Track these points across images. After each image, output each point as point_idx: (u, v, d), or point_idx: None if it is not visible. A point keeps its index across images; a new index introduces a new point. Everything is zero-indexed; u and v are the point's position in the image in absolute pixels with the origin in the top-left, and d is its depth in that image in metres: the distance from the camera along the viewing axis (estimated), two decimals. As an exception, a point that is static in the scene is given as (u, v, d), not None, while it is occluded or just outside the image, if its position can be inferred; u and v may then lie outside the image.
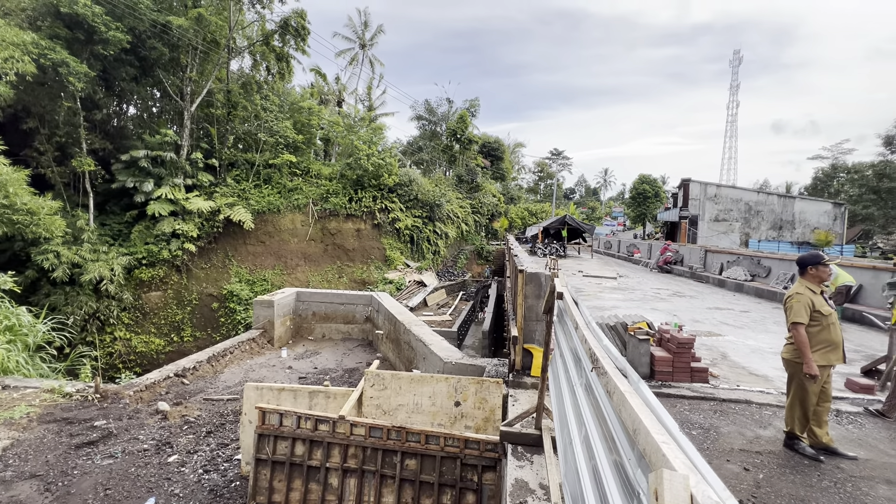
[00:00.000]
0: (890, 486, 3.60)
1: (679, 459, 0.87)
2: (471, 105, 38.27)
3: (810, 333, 3.97)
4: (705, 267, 17.54)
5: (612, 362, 1.55)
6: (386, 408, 5.01)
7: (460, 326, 16.66)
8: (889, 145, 27.76)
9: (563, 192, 71.39)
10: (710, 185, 28.58)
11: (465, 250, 30.66)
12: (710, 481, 0.81)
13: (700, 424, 4.63)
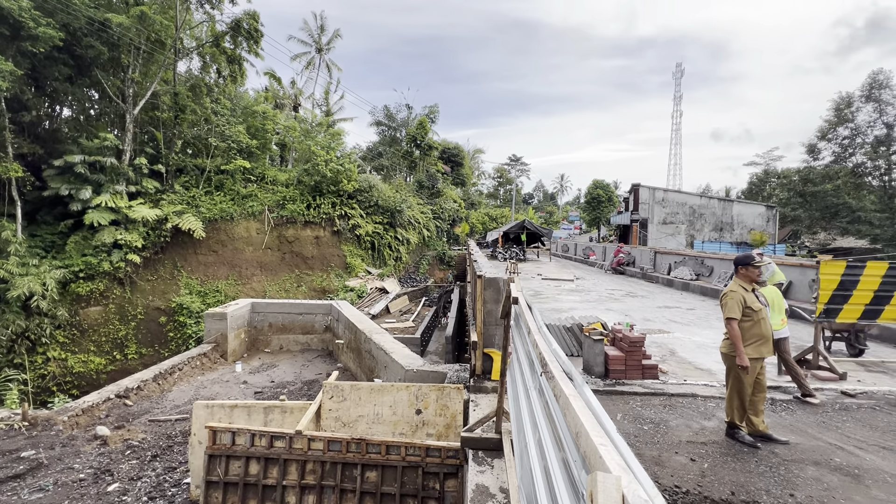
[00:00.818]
0: (817, 466, 3.91)
1: (614, 461, 0.90)
2: (430, 111, 38.49)
3: (743, 328, 4.26)
4: (655, 267, 18.45)
5: (560, 366, 1.60)
6: (346, 420, 4.90)
7: (423, 332, 16.60)
8: (811, 153, 30.44)
9: (521, 197, 73.01)
10: (657, 190, 30.17)
11: (427, 256, 30.64)
12: (641, 481, 0.85)
13: (651, 419, 4.84)
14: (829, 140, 29.63)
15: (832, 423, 4.80)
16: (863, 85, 28.21)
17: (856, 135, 28.77)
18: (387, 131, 40.33)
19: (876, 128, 28.01)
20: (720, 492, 3.51)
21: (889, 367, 6.73)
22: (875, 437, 4.48)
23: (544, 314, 8.94)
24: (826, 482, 3.66)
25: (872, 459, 4.02)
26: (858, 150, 28.79)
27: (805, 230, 30.36)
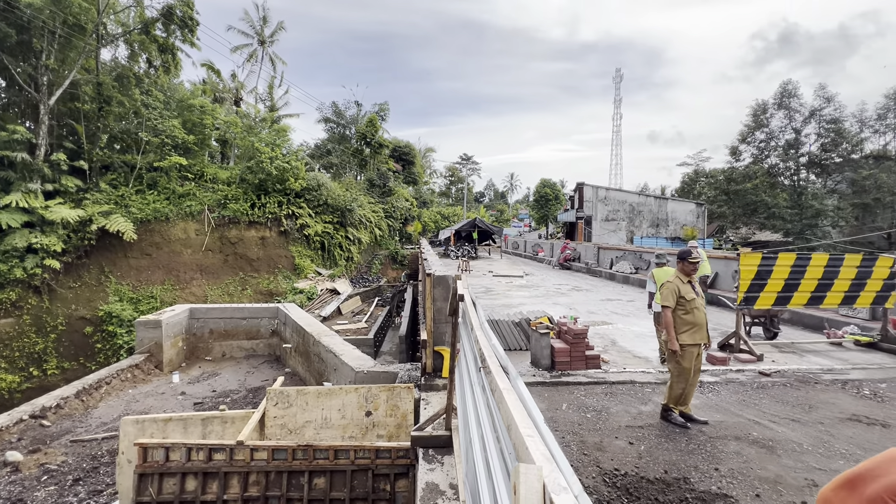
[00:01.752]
0: (738, 441, 4.27)
1: (539, 451, 0.93)
2: (380, 109, 38.02)
3: (677, 316, 4.58)
4: (598, 262, 19.36)
5: (497, 360, 1.63)
6: (292, 426, 4.73)
7: (377, 333, 16.40)
8: (734, 154, 33.25)
9: (473, 195, 73.95)
10: (600, 189, 31.70)
11: (379, 255, 30.28)
12: (562, 470, 0.88)
13: (594, 407, 5.07)
14: (749, 143, 32.50)
15: (751, 400, 5.26)
16: (775, 94, 31.21)
17: (770, 138, 31.75)
18: (335, 128, 39.33)
19: (786, 132, 31.07)
20: (655, 471, 3.74)
21: (798, 347, 7.48)
22: (786, 410, 4.97)
23: (495, 310, 9.12)
24: (745, 455, 4.00)
25: (784, 431, 4.46)
26: (773, 153, 31.81)
27: (729, 225, 33.13)
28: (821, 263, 6.92)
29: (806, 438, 4.31)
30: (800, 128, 30.50)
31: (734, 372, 6.19)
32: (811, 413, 4.91)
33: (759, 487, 3.51)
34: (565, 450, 4.10)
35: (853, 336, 7.47)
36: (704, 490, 3.47)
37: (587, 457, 3.98)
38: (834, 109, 29.51)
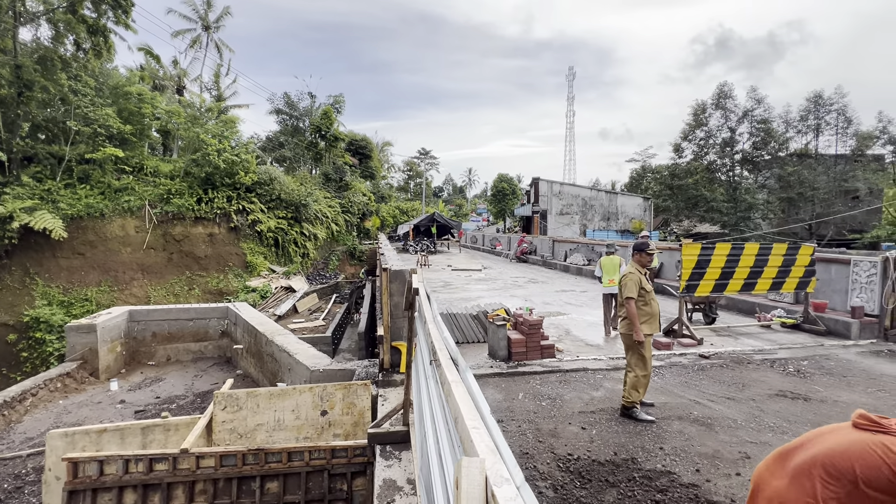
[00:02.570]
0: (681, 420, 4.53)
1: (484, 443, 0.92)
2: (335, 101, 37.01)
3: (638, 307, 4.70)
4: (553, 255, 19.94)
5: (448, 353, 1.61)
6: (242, 430, 4.52)
7: (335, 330, 16.06)
8: (676, 151, 35.23)
9: (432, 190, 73.89)
10: (554, 183, 32.62)
11: (336, 251, 29.64)
12: (505, 460, 0.87)
13: (549, 395, 5.21)
14: (690, 141, 34.51)
15: (692, 382, 5.60)
16: (713, 95, 33.31)
17: (709, 137, 33.87)
18: (288, 120, 37.91)
19: (723, 131, 33.26)
20: (605, 454, 3.90)
21: (733, 330, 8.05)
22: (723, 390, 5.33)
23: (454, 303, 9.16)
24: (687, 433, 4.25)
25: (721, 409, 4.78)
26: (711, 150, 33.96)
27: (673, 218, 35.14)
28: (752, 253, 7.47)
29: (740, 415, 4.64)
30: (734, 127, 32.75)
31: (677, 356, 6.56)
32: (744, 391, 5.29)
33: (698, 463, 3.73)
34: (521, 438, 4.19)
35: (780, 319, 8.13)
36: (650, 468, 3.66)
37: (542, 444, 4.08)
38: (763, 110, 31.92)
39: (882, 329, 7.31)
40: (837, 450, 1.64)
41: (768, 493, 1.78)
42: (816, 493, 1.62)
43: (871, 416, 1.69)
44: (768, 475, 1.83)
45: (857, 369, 6.04)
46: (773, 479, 1.79)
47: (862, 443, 1.61)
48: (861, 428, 1.67)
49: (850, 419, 1.75)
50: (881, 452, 1.54)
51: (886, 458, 1.53)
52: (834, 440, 1.70)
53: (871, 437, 1.61)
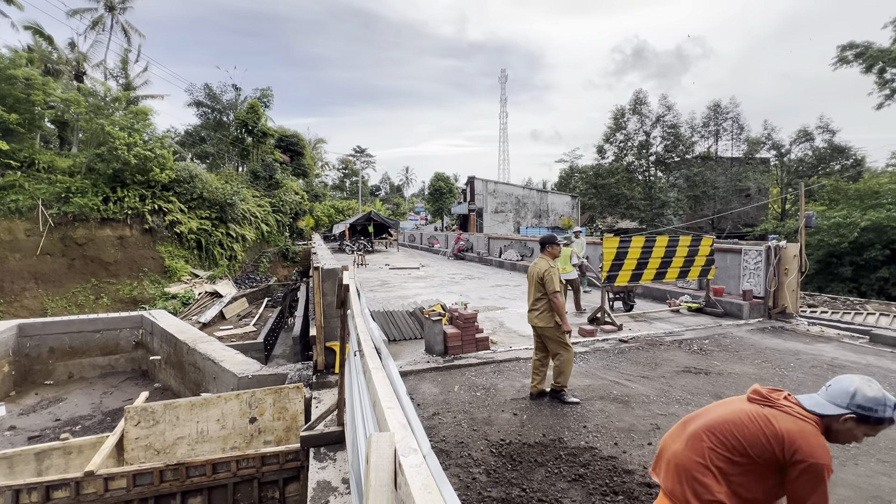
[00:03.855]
0: (602, 400, 4.89)
1: (397, 420, 0.95)
2: (263, 94, 35.13)
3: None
4: (489, 252, 20.51)
5: (372, 343, 1.63)
6: (160, 446, 4.18)
7: (267, 336, 15.31)
8: (600, 153, 37.82)
9: (369, 189, 72.68)
10: (489, 182, 33.54)
11: (267, 253, 28.20)
12: (416, 433, 0.91)
13: (483, 385, 5.38)
14: (611, 143, 37.16)
15: (613, 364, 6.06)
16: (630, 101, 36.10)
17: (627, 139, 36.68)
18: (210, 114, 35.33)
19: (639, 135, 36.17)
20: (535, 436, 4.11)
21: (648, 316, 8.82)
22: (638, 370, 5.83)
23: (391, 301, 9.11)
24: (607, 411, 4.61)
25: (636, 387, 5.22)
26: (629, 152, 36.80)
27: (598, 215, 37.66)
28: (662, 245, 8.22)
29: (652, 391, 5.10)
30: (649, 131, 35.76)
31: (600, 342, 7.06)
32: (656, 369, 5.82)
33: (617, 437, 4.06)
34: (456, 428, 4.29)
35: (687, 304, 9.04)
36: (575, 446, 3.92)
37: (476, 432, 4.21)
38: (673, 117, 35.19)
39: (767, 309, 8.39)
40: (726, 418, 1.87)
41: (668, 456, 2.00)
42: (706, 455, 1.84)
43: (762, 392, 1.90)
44: (671, 441, 2.05)
45: (747, 345, 6.90)
46: (673, 443, 2.01)
47: (748, 413, 1.83)
48: (753, 401, 1.90)
49: (746, 393, 1.98)
50: (762, 423, 1.76)
51: (765, 429, 1.75)
52: (725, 410, 1.92)
53: (758, 410, 1.83)
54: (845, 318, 9.16)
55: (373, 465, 0.79)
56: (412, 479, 0.70)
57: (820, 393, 1.82)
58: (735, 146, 36.46)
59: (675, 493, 1.89)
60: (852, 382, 1.73)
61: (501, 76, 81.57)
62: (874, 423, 1.69)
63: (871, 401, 1.67)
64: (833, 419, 1.72)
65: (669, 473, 1.94)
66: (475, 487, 3.33)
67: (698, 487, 1.80)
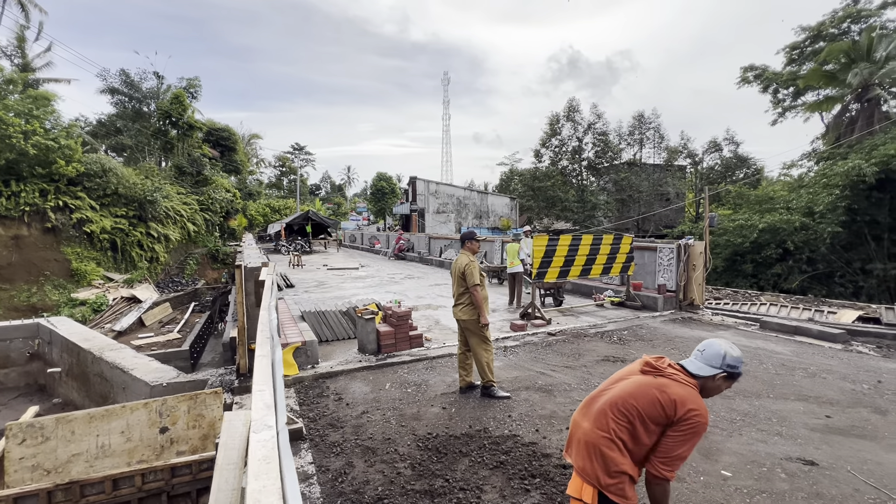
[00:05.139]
0: (528, 390, 5.09)
1: (262, 400, 0.94)
2: (190, 84, 32.67)
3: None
4: (430, 251, 20.62)
5: (269, 332, 1.59)
6: (51, 465, 3.75)
7: (194, 343, 14.25)
8: (537, 157, 39.38)
9: (308, 188, 70.20)
10: (431, 183, 33.72)
11: (194, 254, 26.33)
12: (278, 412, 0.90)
13: (415, 382, 5.40)
14: (547, 148, 38.83)
15: (540, 356, 6.34)
16: (564, 108, 37.94)
17: (562, 145, 38.53)
18: (128, 102, 32.29)
19: (573, 141, 38.13)
20: (462, 428, 4.20)
21: (576, 310, 9.32)
22: (563, 360, 6.14)
23: (326, 302, 8.87)
24: (532, 400, 4.81)
25: (560, 377, 5.50)
26: (564, 157, 38.69)
27: (535, 216, 39.14)
28: (588, 243, 8.73)
29: (574, 380, 5.40)
30: (581, 137, 37.81)
31: (530, 336, 7.36)
32: (579, 360, 6.17)
33: (538, 424, 4.25)
34: (385, 425, 4.28)
35: (610, 298, 9.66)
36: (499, 434, 4.05)
37: (404, 427, 4.22)
38: (602, 124, 37.48)
39: (678, 301, 9.19)
40: (627, 392, 2.05)
41: (578, 435, 2.14)
42: (610, 428, 2.00)
43: (652, 363, 2.12)
44: (580, 419, 2.18)
45: (660, 334, 7.51)
46: (582, 421, 2.15)
47: (645, 384, 2.03)
48: (646, 373, 2.10)
49: (639, 366, 2.18)
50: (657, 392, 1.97)
51: (660, 396, 1.95)
52: (625, 385, 2.10)
53: (652, 380, 2.03)
54: (743, 309, 10.26)
55: (222, 445, 0.78)
56: (254, 451, 0.70)
57: (696, 357, 2.08)
58: (657, 154, 39.66)
59: (585, 470, 2.03)
60: (721, 346, 2.03)
61: (444, 78, 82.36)
62: (735, 378, 2.03)
63: (736, 360, 2.00)
64: (708, 379, 2.01)
65: (581, 452, 2.08)
66: (399, 482, 3.34)
67: (607, 461, 1.96)
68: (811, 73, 25.42)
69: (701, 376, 2.02)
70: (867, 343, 7.26)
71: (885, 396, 4.85)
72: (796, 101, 28.67)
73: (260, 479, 0.61)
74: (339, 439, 4.03)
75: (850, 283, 19.69)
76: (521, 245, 10.02)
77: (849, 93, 23.93)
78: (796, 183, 24.34)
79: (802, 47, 27.52)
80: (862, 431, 4.04)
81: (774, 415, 4.38)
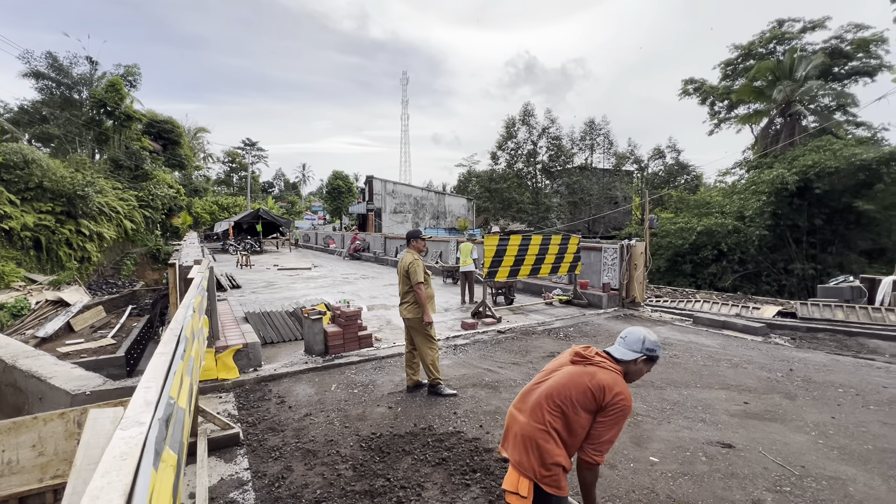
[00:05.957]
0: (475, 387, 5.16)
1: (143, 398, 0.89)
2: (128, 71, 30.52)
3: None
4: (386, 251, 20.43)
5: (179, 330, 1.51)
6: (-55, 485, 3.37)
7: (131, 349, 13.29)
8: (493, 159, 40.14)
9: (260, 185, 67.54)
10: (388, 182, 33.44)
11: (132, 254, 24.68)
12: (157, 409, 0.86)
13: (362, 382, 5.33)
14: (504, 150, 39.63)
15: (489, 354, 6.44)
16: (520, 112, 38.85)
17: (518, 148, 39.44)
18: (55, 88, 29.68)
19: (528, 144, 39.11)
20: (406, 426, 4.18)
21: (526, 309, 9.56)
22: (511, 357, 6.27)
23: (274, 303, 8.56)
24: (478, 397, 4.87)
25: (507, 374, 5.61)
26: (520, 159, 39.61)
27: (492, 217, 39.80)
28: (537, 243, 8.98)
29: (520, 376, 5.53)
30: (536, 141, 38.87)
31: (480, 334, 7.46)
32: (526, 356, 6.33)
33: (483, 420, 4.32)
34: (328, 427, 4.19)
35: (558, 296, 9.99)
36: (443, 432, 4.07)
37: (348, 428, 4.15)
38: (556, 129, 38.76)
39: (621, 299, 9.65)
40: (560, 383, 2.10)
41: (515, 429, 2.16)
42: (546, 420, 2.04)
43: (581, 353, 2.19)
44: (516, 413, 2.21)
45: (603, 330, 7.85)
46: (518, 415, 2.17)
47: (576, 374, 2.09)
48: (575, 362, 2.17)
49: (569, 356, 2.23)
50: (588, 380, 2.04)
51: (590, 384, 2.02)
52: (557, 376, 2.16)
53: (582, 369, 2.10)
54: (679, 306, 10.93)
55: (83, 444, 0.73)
56: (112, 448, 0.66)
57: (619, 343, 2.21)
58: (606, 159, 41.48)
59: (522, 464, 2.06)
60: (641, 332, 2.18)
61: (403, 78, 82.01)
62: (654, 361, 2.17)
63: (654, 343, 2.14)
64: (630, 363, 2.14)
65: (517, 446, 2.11)
66: (339, 484, 3.28)
67: (543, 453, 2.00)
68: (742, 88, 27.56)
69: (624, 360, 2.14)
70: (783, 335, 7.96)
71: (795, 383, 5.32)
72: (730, 114, 30.96)
73: (107, 477, 0.58)
74: (278, 443, 3.90)
75: (775, 281, 21.49)
76: (473, 245, 10.15)
77: (774, 108, 26.13)
78: (730, 189, 26.25)
79: (735, 64, 29.76)
80: (774, 415, 4.41)
81: (700, 403, 4.70)
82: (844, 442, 3.85)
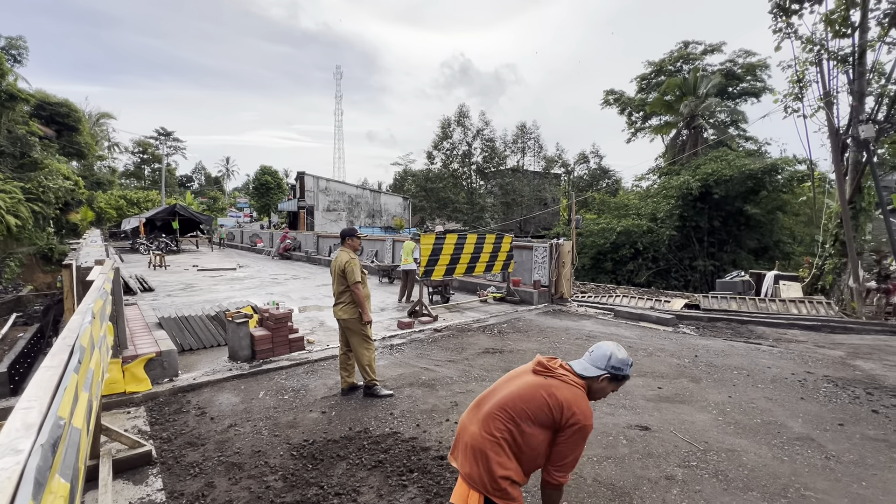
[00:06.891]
0: (411, 386, 5.13)
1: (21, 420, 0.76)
2: (11, 45, 26.46)
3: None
4: (318, 251, 19.71)
5: (73, 340, 1.32)
6: None
7: (15, 362, 11.53)
8: (429, 159, 40.38)
9: (177, 179, 62.00)
10: (321, 179, 32.29)
11: (17, 254, 21.49)
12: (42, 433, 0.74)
13: (293, 387, 5.07)
14: (439, 150, 40.02)
15: (425, 352, 6.44)
16: (456, 113, 39.47)
17: (453, 148, 40.04)
18: (-90, 59, 24.90)
19: (463, 145, 39.84)
20: (341, 431, 4.05)
21: (461, 306, 9.70)
22: (447, 355, 6.33)
23: (193, 306, 7.88)
24: (415, 396, 4.85)
25: (443, 371, 5.65)
26: (455, 160, 40.23)
27: (428, 216, 40.03)
28: (472, 242, 9.15)
29: (456, 373, 5.59)
30: (471, 142, 39.70)
31: (417, 332, 7.44)
32: (462, 353, 6.42)
33: (420, 418, 4.30)
34: (256, 437, 3.94)
35: (492, 294, 10.27)
36: (380, 433, 4.00)
37: (278, 437, 3.94)
38: (490, 132, 39.91)
39: (550, 295, 10.14)
40: (516, 394, 2.00)
41: (465, 439, 2.04)
42: (498, 433, 1.93)
43: (544, 363, 2.08)
44: (467, 422, 2.09)
45: (535, 325, 8.19)
46: (470, 425, 2.06)
47: (534, 386, 1.99)
48: (538, 373, 2.06)
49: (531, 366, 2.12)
50: (546, 394, 1.94)
51: (549, 399, 1.92)
52: (515, 386, 2.05)
53: (542, 381, 2.00)
54: (602, 301, 11.73)
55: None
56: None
57: (585, 358, 2.13)
58: (536, 162, 43.47)
59: (472, 476, 1.95)
60: (608, 348, 2.10)
61: (336, 72, 79.69)
62: (620, 380, 2.09)
63: (621, 362, 2.06)
64: (594, 380, 2.05)
65: (467, 457, 1.99)
66: (267, 497, 3.09)
67: (493, 465, 1.89)
68: (655, 101, 30.23)
69: (587, 377, 2.05)
70: (690, 325, 8.84)
71: (699, 368, 5.93)
72: (645, 124, 33.82)
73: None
74: (198, 458, 3.60)
75: (682, 276, 23.86)
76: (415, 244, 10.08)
77: (681, 120, 28.97)
78: (645, 193, 28.69)
79: (649, 78, 32.57)
80: (682, 398, 4.88)
81: (621, 390, 5.06)
82: (739, 418, 4.36)
